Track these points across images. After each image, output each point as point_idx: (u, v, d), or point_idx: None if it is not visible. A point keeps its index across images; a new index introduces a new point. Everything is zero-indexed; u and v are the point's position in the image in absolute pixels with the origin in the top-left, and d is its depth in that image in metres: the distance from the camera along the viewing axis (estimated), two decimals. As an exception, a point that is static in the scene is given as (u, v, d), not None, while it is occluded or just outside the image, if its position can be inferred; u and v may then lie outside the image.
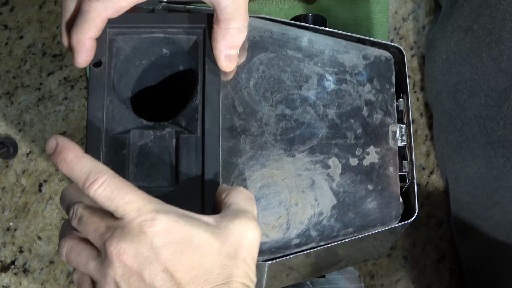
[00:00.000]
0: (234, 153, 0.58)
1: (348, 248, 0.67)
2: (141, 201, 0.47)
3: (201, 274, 0.47)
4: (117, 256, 0.46)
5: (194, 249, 0.47)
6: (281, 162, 0.59)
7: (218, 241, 0.48)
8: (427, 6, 0.98)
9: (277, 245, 0.58)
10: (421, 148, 0.95)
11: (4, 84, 0.96)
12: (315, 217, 0.59)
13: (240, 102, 0.59)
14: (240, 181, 0.58)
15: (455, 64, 0.81)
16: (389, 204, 0.60)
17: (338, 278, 0.86)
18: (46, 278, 0.91)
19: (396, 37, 0.98)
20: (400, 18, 0.98)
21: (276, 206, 0.58)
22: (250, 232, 0.50)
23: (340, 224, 0.59)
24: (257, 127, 0.59)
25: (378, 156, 0.61)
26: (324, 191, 0.59)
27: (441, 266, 0.94)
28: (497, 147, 0.76)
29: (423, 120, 0.96)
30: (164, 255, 0.46)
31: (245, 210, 0.51)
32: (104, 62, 0.56)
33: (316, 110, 0.60)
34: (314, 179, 0.59)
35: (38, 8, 0.98)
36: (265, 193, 0.58)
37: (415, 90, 0.96)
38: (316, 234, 0.59)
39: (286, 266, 0.67)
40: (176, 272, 0.46)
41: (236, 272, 0.48)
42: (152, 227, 0.46)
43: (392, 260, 0.93)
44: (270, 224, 0.58)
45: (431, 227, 0.94)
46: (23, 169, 0.94)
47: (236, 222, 0.50)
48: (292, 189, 0.59)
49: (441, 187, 0.94)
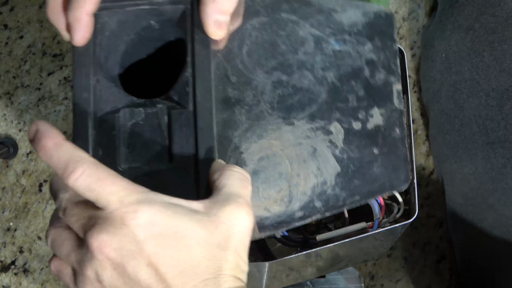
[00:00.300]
0: (230, 126, 0.55)
1: (348, 248, 0.67)
2: (123, 191, 0.45)
3: (188, 268, 0.44)
4: (98, 248, 0.44)
5: (180, 241, 0.44)
6: (280, 132, 0.55)
7: (206, 230, 0.45)
8: (427, 6, 0.98)
9: (280, 219, 0.55)
10: (421, 148, 0.95)
11: (4, 84, 0.96)
12: (318, 187, 0.55)
13: (233, 71, 0.56)
14: (237, 155, 0.54)
15: (455, 63, 0.80)
16: (397, 167, 0.56)
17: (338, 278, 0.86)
18: (46, 278, 0.91)
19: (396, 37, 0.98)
20: (400, 18, 0.98)
21: (277, 178, 0.55)
22: (242, 219, 0.46)
23: (346, 192, 0.55)
24: (253, 96, 0.56)
25: (382, 118, 0.57)
26: (327, 159, 0.55)
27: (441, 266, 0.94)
28: (497, 147, 0.76)
29: (423, 120, 0.96)
30: (148, 249, 0.44)
31: (237, 194, 0.48)
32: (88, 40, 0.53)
33: (314, 74, 0.57)
34: (315, 147, 0.55)
35: (38, 8, 0.98)
36: (264, 166, 0.55)
37: (415, 90, 0.96)
38: (321, 205, 0.55)
39: (286, 266, 0.67)
40: (161, 266, 0.44)
41: (226, 265, 0.46)
42: (135, 219, 0.44)
43: (392, 260, 0.93)
44: (271, 198, 0.55)
45: (431, 227, 0.94)
46: (23, 169, 0.94)
47: (227, 209, 0.46)
48: (292, 159, 0.55)
49: (441, 187, 0.94)
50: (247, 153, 0.55)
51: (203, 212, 0.46)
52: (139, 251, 0.44)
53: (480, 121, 0.78)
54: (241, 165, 0.54)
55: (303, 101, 0.56)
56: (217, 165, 0.50)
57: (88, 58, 0.53)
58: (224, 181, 0.48)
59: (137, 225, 0.44)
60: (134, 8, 0.55)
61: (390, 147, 0.57)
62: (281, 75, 0.56)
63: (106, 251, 0.44)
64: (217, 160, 0.51)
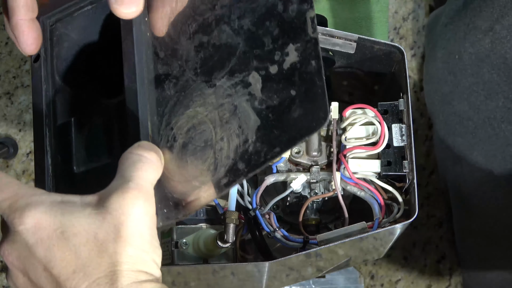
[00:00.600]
0: (161, 103, 0.52)
1: (348, 248, 0.67)
2: (14, 197, 0.44)
3: (79, 268, 0.42)
4: (6, 258, 0.44)
5: (68, 241, 0.42)
6: (203, 97, 0.52)
7: (93, 225, 0.42)
8: (427, 6, 0.98)
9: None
10: (421, 148, 0.95)
11: (4, 84, 0.96)
12: (240, 147, 0.51)
13: (161, 47, 0.54)
14: (168, 131, 0.52)
15: (471, 65, 0.80)
16: (314, 105, 0.51)
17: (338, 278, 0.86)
18: (46, 278, 0.91)
19: (396, 37, 0.98)
20: (400, 18, 0.98)
21: (203, 147, 0.51)
22: (131, 204, 0.43)
23: (266, 146, 0.51)
24: (179, 67, 0.53)
25: (297, 53, 0.51)
26: (247, 114, 0.51)
27: (441, 266, 0.94)
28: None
29: (423, 120, 0.96)
30: (39, 254, 0.42)
31: (127, 178, 0.44)
32: (42, 55, 0.54)
33: (231, 25, 0.53)
34: (236, 104, 0.52)
35: (38, 8, 0.98)
36: (191, 136, 0.52)
37: (415, 90, 0.96)
38: (244, 166, 0.50)
39: (286, 266, 0.67)
40: (53, 270, 0.42)
41: (122, 259, 0.42)
42: (22, 225, 0.42)
43: (392, 260, 0.93)
44: (199, 169, 0.51)
45: (431, 227, 0.94)
46: (23, 169, 0.94)
47: (114, 197, 0.43)
48: (216, 123, 0.52)
49: (441, 187, 0.94)
50: (176, 128, 0.52)
51: (93, 205, 0.44)
52: (32, 257, 0.43)
53: (495, 123, 0.78)
54: (172, 142, 0.52)
55: (223, 58, 0.53)
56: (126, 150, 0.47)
57: (46, 70, 0.54)
58: (120, 166, 0.46)
59: (25, 231, 0.43)
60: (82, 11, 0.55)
61: (306, 84, 0.51)
62: (202, 37, 0.53)
63: (10, 259, 0.44)
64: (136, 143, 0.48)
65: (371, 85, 0.75)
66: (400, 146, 0.63)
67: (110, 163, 0.51)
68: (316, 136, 0.66)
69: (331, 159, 0.64)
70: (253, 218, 0.64)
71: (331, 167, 0.64)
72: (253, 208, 0.63)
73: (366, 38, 0.66)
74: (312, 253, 0.62)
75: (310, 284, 0.86)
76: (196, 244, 0.64)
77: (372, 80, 0.74)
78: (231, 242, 0.62)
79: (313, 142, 0.66)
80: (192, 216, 0.66)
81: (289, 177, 0.65)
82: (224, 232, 0.62)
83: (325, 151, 0.66)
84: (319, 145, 0.66)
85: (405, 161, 0.63)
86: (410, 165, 0.63)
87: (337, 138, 0.65)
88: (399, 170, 0.63)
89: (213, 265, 0.64)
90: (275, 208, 0.68)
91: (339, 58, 0.69)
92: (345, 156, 0.63)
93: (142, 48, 0.52)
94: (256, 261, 0.65)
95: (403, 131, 0.63)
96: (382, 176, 0.64)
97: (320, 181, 0.65)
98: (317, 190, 0.65)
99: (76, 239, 0.42)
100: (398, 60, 0.66)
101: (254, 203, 0.63)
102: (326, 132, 0.66)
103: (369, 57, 0.69)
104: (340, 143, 0.64)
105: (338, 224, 0.70)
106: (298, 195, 0.65)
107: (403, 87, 0.66)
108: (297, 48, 0.52)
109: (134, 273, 0.42)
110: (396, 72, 0.68)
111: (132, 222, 0.43)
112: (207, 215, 0.67)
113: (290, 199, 0.66)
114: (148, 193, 0.44)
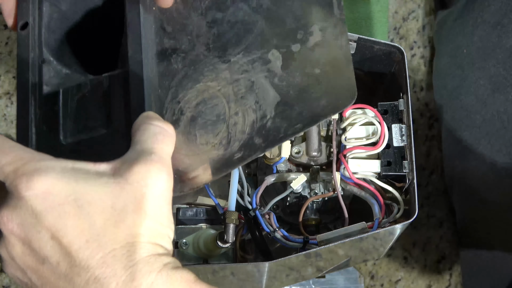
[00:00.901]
0: (166, 77, 0.51)
1: (348, 248, 0.67)
2: (19, 161, 0.41)
3: (93, 238, 0.40)
4: (4, 225, 0.41)
5: (81, 209, 0.40)
6: (216, 72, 0.51)
7: (111, 194, 0.41)
8: (427, 6, 0.98)
9: (218, 164, 0.50)
10: (421, 148, 0.95)
11: (4, 84, 0.96)
12: (257, 122, 0.50)
13: (168, 21, 0.53)
14: (174, 105, 0.51)
15: (479, 59, 0.80)
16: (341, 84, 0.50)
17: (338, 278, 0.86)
18: (46, 278, 0.91)
19: (396, 37, 0.98)
20: (400, 18, 0.98)
21: (214, 121, 0.51)
22: (154, 178, 0.42)
23: (287, 122, 0.50)
24: (188, 42, 0.52)
25: (322, 33, 0.51)
26: (266, 90, 0.51)
27: (441, 266, 0.94)
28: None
29: (423, 120, 0.96)
30: (48, 221, 0.40)
31: (149, 150, 0.43)
32: (31, 23, 0.53)
33: (249, 3, 0.52)
34: (253, 80, 0.51)
35: (38, 8, 0.98)
36: (201, 111, 0.51)
37: (415, 90, 0.96)
38: (261, 141, 0.50)
39: (286, 266, 0.67)
40: (63, 238, 0.40)
41: (140, 230, 0.41)
42: (29, 190, 0.40)
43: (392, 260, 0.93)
44: (210, 143, 0.50)
45: (431, 227, 0.94)
46: (23, 169, 0.94)
47: (136, 168, 0.41)
48: (230, 97, 0.51)
49: (441, 187, 0.94)
50: (184, 101, 0.51)
51: (109, 174, 0.42)
52: (40, 224, 0.40)
53: (504, 117, 0.78)
54: (178, 115, 0.51)
55: (239, 34, 0.52)
56: (139, 120, 0.46)
57: (33, 40, 0.53)
58: (138, 137, 0.44)
59: (33, 196, 0.40)
60: None
61: (332, 63, 0.51)
62: (215, 13, 0.53)
63: (10, 227, 0.41)
64: (145, 113, 0.47)
65: (371, 85, 0.75)
66: (400, 146, 0.63)
67: (103, 134, 0.49)
68: (316, 136, 0.66)
69: (331, 159, 0.64)
70: (253, 218, 0.63)
71: (331, 167, 0.64)
72: (253, 208, 0.63)
73: (366, 38, 0.66)
74: (312, 253, 0.61)
75: (310, 284, 0.86)
76: (196, 244, 0.64)
77: (372, 80, 0.74)
78: (231, 242, 0.62)
79: (313, 142, 0.66)
80: (192, 216, 0.66)
81: (289, 177, 0.65)
82: (224, 232, 0.62)
83: (325, 151, 0.66)
84: (319, 145, 0.66)
85: (405, 161, 0.63)
86: (410, 165, 0.63)
87: (337, 138, 0.65)
88: (399, 170, 0.63)
89: (213, 265, 0.64)
90: (275, 208, 0.68)
91: (339, 58, 0.69)
92: (345, 156, 0.63)
93: (149, 19, 0.52)
94: (256, 261, 0.65)
95: (403, 131, 0.63)
96: (382, 176, 0.64)
97: (320, 181, 0.65)
98: (317, 190, 0.65)
99: (91, 207, 0.40)
100: (398, 60, 0.66)
101: (254, 203, 0.63)
102: (326, 132, 0.66)
103: (369, 57, 0.69)
104: (340, 143, 0.64)
105: (338, 224, 0.70)
106: (298, 195, 0.65)
107: (403, 87, 0.66)
108: (321, 28, 0.51)
109: (152, 245, 0.41)
110: (396, 72, 0.68)
111: (153, 195, 0.41)
112: (207, 215, 0.67)
113: (290, 199, 0.66)
114: (170, 168, 0.43)
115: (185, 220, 0.66)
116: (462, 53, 0.82)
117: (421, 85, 0.96)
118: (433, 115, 0.96)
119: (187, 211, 0.66)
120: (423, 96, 0.96)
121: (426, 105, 0.96)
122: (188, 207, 0.67)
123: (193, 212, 0.66)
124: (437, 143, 0.95)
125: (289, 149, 0.64)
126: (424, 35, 0.97)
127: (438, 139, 0.95)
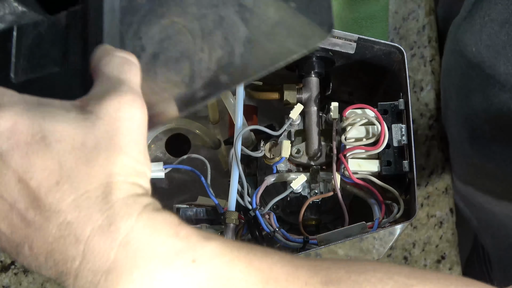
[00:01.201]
0: (129, 12, 0.48)
1: (348, 248, 0.67)
2: None
3: (63, 179, 0.36)
4: None
5: (50, 147, 0.36)
6: (183, 6, 0.48)
7: (81, 130, 0.37)
8: (427, 6, 0.98)
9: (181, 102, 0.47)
10: (421, 148, 0.95)
11: (4, 84, 0.96)
12: (224, 59, 0.47)
13: None
14: (136, 41, 0.47)
15: (488, 57, 0.80)
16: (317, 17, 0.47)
17: (338, 278, 0.86)
18: (46, 278, 0.91)
19: (396, 37, 0.98)
20: (400, 18, 0.98)
21: (178, 58, 0.47)
22: (128, 110, 0.38)
23: (255, 59, 0.47)
24: None
25: None
26: (235, 25, 0.47)
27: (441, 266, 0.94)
28: None
29: (423, 120, 0.96)
30: (14, 161, 0.36)
31: (117, 82, 0.39)
32: None
33: None
34: (222, 14, 0.48)
35: (38, 8, 0.98)
36: (164, 47, 0.47)
37: (415, 90, 0.96)
38: (226, 79, 0.47)
39: (286, 266, 0.67)
40: (31, 181, 0.36)
41: (116, 169, 0.37)
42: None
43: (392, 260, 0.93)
44: (172, 81, 0.47)
45: (431, 227, 0.94)
46: (23, 169, 0.94)
47: (106, 101, 0.38)
48: (196, 33, 0.47)
49: (441, 187, 0.94)
50: (146, 37, 0.47)
51: (77, 110, 0.38)
52: (5, 166, 0.36)
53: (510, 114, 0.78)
54: (139, 52, 0.47)
55: None
56: (99, 53, 0.42)
57: None
58: (101, 70, 0.40)
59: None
60: None
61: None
62: None
63: None
64: (103, 46, 0.43)
65: (371, 85, 0.75)
66: (400, 146, 0.63)
67: (57, 72, 0.47)
68: (316, 136, 0.66)
69: (331, 159, 0.64)
70: (253, 218, 0.64)
71: (331, 167, 0.64)
72: (253, 208, 0.63)
73: (366, 38, 0.66)
74: (312, 253, 0.62)
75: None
76: (196, 244, 0.64)
77: (372, 80, 0.74)
78: (231, 242, 0.62)
79: (313, 142, 0.66)
80: (192, 216, 0.66)
81: (289, 177, 0.65)
82: (224, 232, 0.62)
83: (325, 151, 0.66)
84: (319, 145, 0.66)
85: (405, 161, 0.63)
86: (410, 165, 0.63)
87: (337, 138, 0.65)
88: (399, 170, 0.63)
89: (213, 265, 0.64)
90: (275, 208, 0.68)
91: (339, 58, 0.69)
92: (345, 156, 0.63)
93: None
94: (256, 261, 0.65)
95: (403, 131, 0.63)
96: (382, 176, 0.64)
97: (320, 181, 0.65)
98: (317, 190, 0.65)
99: (60, 145, 0.36)
100: (398, 60, 0.66)
101: (254, 203, 0.63)
102: (324, 125, 0.66)
103: (369, 57, 0.69)
104: (340, 143, 0.64)
105: (338, 224, 0.70)
106: (298, 195, 0.65)
107: (403, 87, 0.66)
108: None
109: (129, 185, 0.37)
110: (396, 72, 0.68)
111: (128, 129, 0.38)
112: (207, 215, 0.67)
113: (290, 199, 0.66)
114: (142, 99, 0.39)
115: (185, 220, 0.66)
116: (471, 52, 0.82)
117: (421, 85, 0.96)
118: (433, 115, 0.96)
119: (187, 211, 0.66)
120: (423, 96, 0.96)
121: (426, 105, 0.96)
122: (188, 207, 0.67)
123: (193, 212, 0.66)
124: (437, 143, 0.95)
125: (289, 149, 0.64)
126: (424, 35, 0.97)
127: (438, 139, 0.95)
